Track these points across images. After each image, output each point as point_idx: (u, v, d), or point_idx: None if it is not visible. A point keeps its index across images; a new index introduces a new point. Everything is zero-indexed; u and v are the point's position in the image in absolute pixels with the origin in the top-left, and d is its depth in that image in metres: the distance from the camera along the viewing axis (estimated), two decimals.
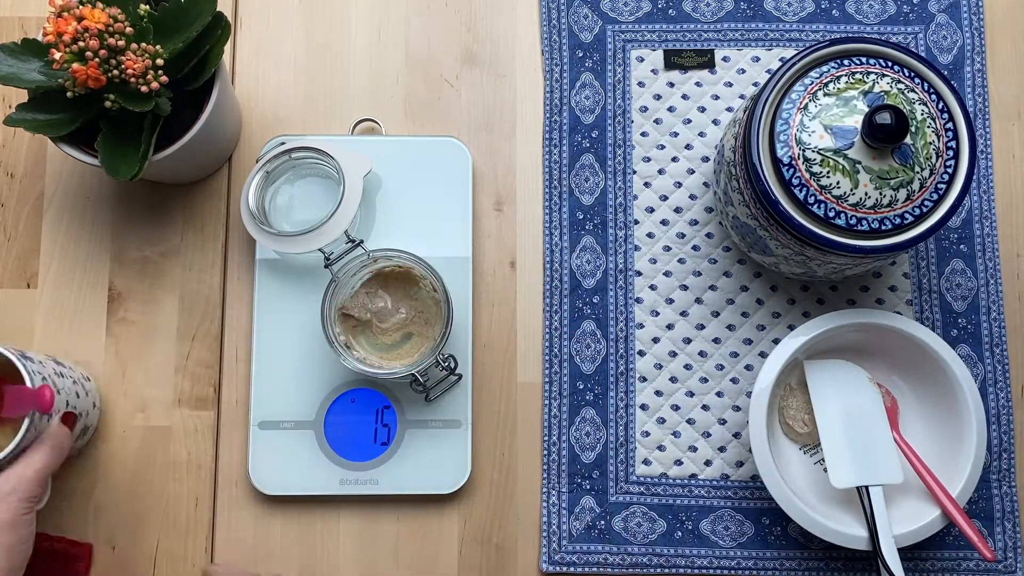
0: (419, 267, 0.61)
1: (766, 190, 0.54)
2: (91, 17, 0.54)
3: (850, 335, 0.62)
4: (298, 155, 0.63)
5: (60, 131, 0.57)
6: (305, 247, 0.61)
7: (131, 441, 0.64)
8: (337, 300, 0.61)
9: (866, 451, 0.60)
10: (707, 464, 0.64)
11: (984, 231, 0.67)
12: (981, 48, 0.69)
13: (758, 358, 0.65)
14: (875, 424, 0.61)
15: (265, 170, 0.63)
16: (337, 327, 0.61)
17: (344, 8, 0.70)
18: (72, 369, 0.61)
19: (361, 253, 0.61)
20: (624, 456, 0.64)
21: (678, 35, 0.69)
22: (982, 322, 0.66)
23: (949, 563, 0.63)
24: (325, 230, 0.61)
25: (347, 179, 0.62)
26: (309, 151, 0.63)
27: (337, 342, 0.60)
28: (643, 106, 0.68)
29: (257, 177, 0.63)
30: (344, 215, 0.61)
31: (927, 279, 0.66)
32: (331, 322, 0.60)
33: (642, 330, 0.65)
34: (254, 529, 0.63)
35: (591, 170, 0.67)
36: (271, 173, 0.64)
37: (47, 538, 0.62)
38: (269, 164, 0.63)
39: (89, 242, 0.66)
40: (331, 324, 0.60)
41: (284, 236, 0.61)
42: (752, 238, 0.60)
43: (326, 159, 0.63)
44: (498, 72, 0.69)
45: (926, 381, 0.62)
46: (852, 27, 0.69)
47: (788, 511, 0.58)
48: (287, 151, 0.63)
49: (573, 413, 0.65)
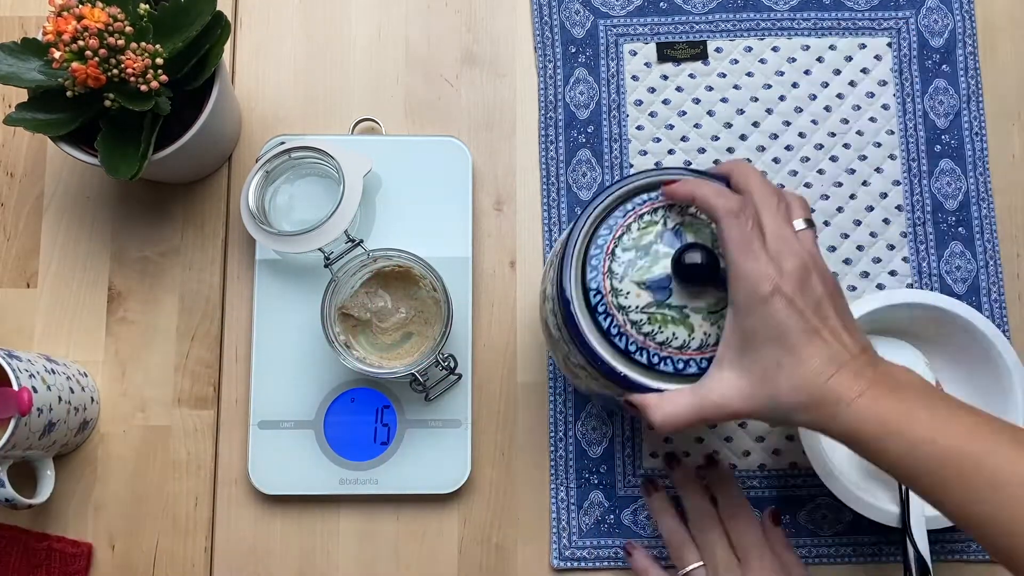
0: (419, 266, 0.61)
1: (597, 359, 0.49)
2: (91, 16, 0.54)
3: (899, 317, 0.62)
4: (298, 155, 0.63)
5: (60, 130, 0.57)
6: (305, 247, 0.61)
7: (131, 441, 0.64)
8: (337, 300, 0.61)
9: None
10: (715, 455, 0.64)
11: (982, 212, 0.67)
12: (972, 31, 0.69)
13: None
14: None
15: (265, 170, 0.63)
16: (337, 327, 0.61)
17: (344, 8, 0.70)
18: (67, 366, 0.62)
19: (361, 253, 0.61)
20: (631, 449, 0.64)
21: (670, 27, 0.69)
22: (983, 303, 0.66)
23: (967, 546, 0.63)
24: (325, 230, 0.61)
25: (347, 179, 0.62)
26: (308, 151, 0.63)
27: (337, 342, 0.60)
28: (637, 100, 0.68)
29: (257, 177, 0.63)
30: (344, 215, 0.61)
31: (926, 262, 0.66)
32: (331, 322, 0.60)
33: None
34: (254, 528, 0.63)
35: (588, 165, 0.67)
36: (271, 173, 0.64)
37: (46, 538, 0.62)
38: (269, 164, 0.63)
39: (89, 242, 0.66)
40: (331, 324, 0.60)
41: (284, 236, 0.61)
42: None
43: (326, 159, 0.63)
44: (498, 72, 0.69)
45: (976, 368, 0.62)
46: (843, 14, 0.69)
47: (822, 475, 0.58)
48: (286, 151, 0.63)
49: (579, 408, 0.64)
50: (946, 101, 0.68)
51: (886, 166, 0.67)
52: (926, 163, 0.67)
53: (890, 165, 0.67)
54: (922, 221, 0.67)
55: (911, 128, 0.68)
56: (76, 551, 0.61)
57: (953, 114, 0.68)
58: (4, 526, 0.62)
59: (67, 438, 0.60)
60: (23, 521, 0.62)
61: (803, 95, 0.68)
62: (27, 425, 0.55)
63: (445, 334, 0.59)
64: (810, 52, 0.69)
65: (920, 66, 0.69)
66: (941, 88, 0.68)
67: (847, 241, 0.66)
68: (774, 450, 0.64)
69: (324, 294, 0.60)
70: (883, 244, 0.66)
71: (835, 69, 0.68)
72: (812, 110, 0.68)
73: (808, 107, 0.68)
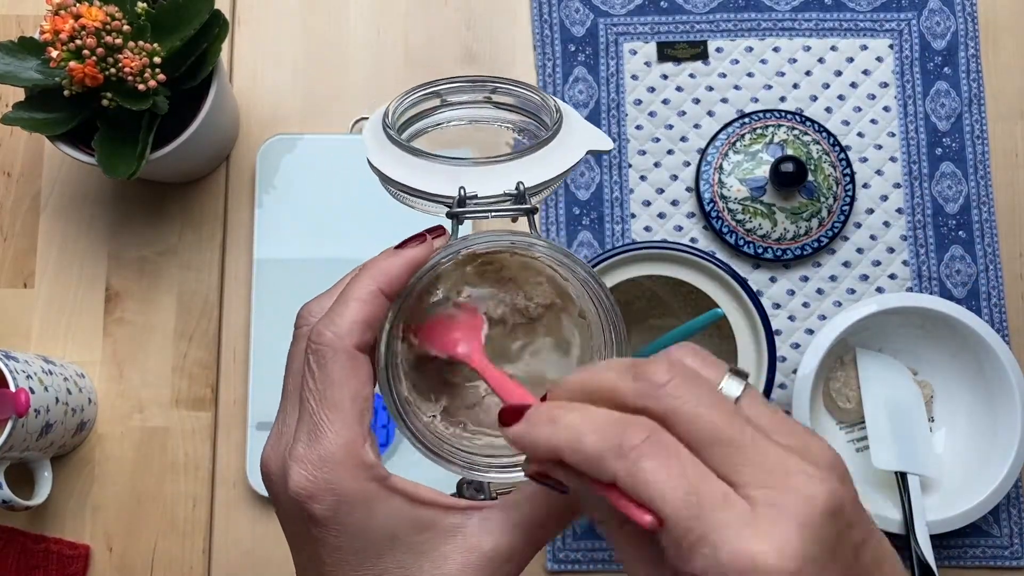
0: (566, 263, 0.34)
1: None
2: (88, 15, 0.54)
3: (891, 323, 0.63)
4: (503, 88, 0.40)
5: (57, 130, 0.57)
6: (451, 184, 0.36)
7: (128, 442, 0.63)
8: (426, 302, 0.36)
9: (907, 441, 0.61)
10: None
11: (983, 216, 0.67)
12: (975, 33, 0.69)
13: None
14: (916, 419, 0.62)
15: (442, 97, 0.40)
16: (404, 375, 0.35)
17: (343, 6, 0.70)
18: (64, 367, 0.61)
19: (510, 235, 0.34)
20: None
21: (671, 27, 0.69)
22: (982, 308, 0.66)
23: (969, 552, 0.63)
24: (515, 166, 0.36)
25: (569, 122, 0.39)
26: (522, 86, 0.41)
27: (406, 402, 0.34)
28: (637, 99, 0.68)
29: (422, 93, 0.39)
30: (556, 156, 0.37)
31: (927, 266, 0.66)
32: (394, 366, 0.34)
33: None
34: (252, 530, 0.63)
35: (586, 164, 0.67)
36: (448, 103, 0.40)
37: (44, 539, 0.61)
38: (451, 92, 0.40)
39: (86, 241, 0.66)
40: (394, 370, 0.34)
41: (436, 160, 0.36)
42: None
43: (539, 94, 0.40)
44: (498, 71, 0.69)
45: (975, 374, 0.62)
46: (845, 15, 0.69)
47: None
48: (491, 84, 0.40)
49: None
50: (948, 104, 0.68)
51: (887, 168, 0.67)
52: (927, 166, 0.67)
53: (891, 167, 0.67)
54: (922, 224, 0.67)
55: (912, 130, 0.68)
56: (74, 552, 0.61)
57: (954, 117, 0.68)
58: (1, 528, 0.62)
59: (64, 439, 0.60)
60: (20, 522, 0.62)
61: (804, 96, 0.68)
62: (24, 426, 0.55)
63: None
64: (811, 53, 0.68)
65: (922, 68, 0.68)
66: (943, 91, 0.68)
67: (847, 244, 0.66)
68: None
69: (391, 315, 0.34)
70: (883, 247, 0.66)
71: (836, 70, 0.68)
72: (813, 111, 0.68)
73: (809, 108, 0.68)
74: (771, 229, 0.64)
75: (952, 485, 0.61)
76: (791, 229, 0.64)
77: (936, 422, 0.64)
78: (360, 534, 0.31)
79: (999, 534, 0.63)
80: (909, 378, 0.64)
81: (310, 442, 0.31)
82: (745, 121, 0.66)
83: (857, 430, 0.64)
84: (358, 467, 0.31)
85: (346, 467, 0.31)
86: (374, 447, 0.32)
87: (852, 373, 0.63)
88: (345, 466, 0.31)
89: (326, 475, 0.31)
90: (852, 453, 0.63)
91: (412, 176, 0.36)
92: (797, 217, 0.64)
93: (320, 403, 0.32)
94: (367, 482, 0.31)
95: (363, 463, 0.31)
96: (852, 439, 0.64)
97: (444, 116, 0.40)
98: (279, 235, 0.65)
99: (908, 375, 0.64)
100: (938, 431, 0.63)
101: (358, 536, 0.31)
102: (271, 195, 0.66)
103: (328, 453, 0.31)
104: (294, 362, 0.34)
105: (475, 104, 0.40)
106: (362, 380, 0.32)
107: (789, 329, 0.65)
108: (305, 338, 0.33)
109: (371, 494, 0.31)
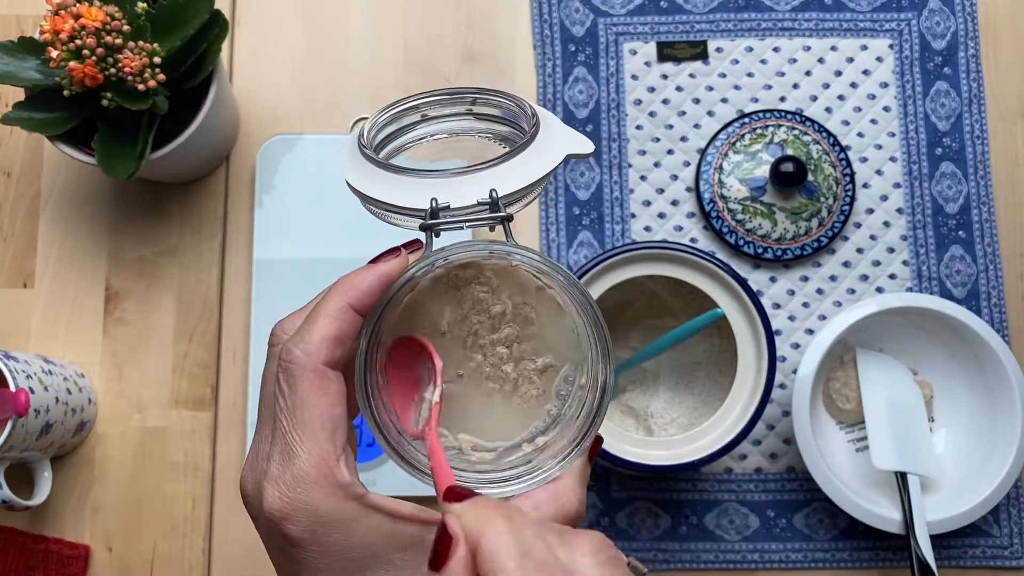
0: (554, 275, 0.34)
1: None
2: (88, 15, 0.54)
3: (891, 323, 0.63)
4: (483, 99, 0.39)
5: (57, 130, 0.57)
6: (420, 197, 0.35)
7: (128, 442, 0.63)
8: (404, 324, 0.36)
9: (907, 441, 0.61)
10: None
11: (983, 216, 0.67)
12: (975, 33, 0.69)
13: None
14: (916, 419, 0.62)
15: (422, 112, 0.39)
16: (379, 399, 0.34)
17: (343, 6, 0.70)
18: (64, 367, 0.61)
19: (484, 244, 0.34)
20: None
21: (671, 27, 0.69)
22: (982, 308, 0.66)
23: (968, 552, 0.63)
24: (488, 175, 0.35)
25: (548, 128, 0.38)
26: (501, 96, 0.39)
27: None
28: (637, 99, 0.68)
29: (400, 109, 0.39)
30: (533, 163, 0.36)
31: (926, 266, 0.66)
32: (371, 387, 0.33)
33: None
34: (251, 530, 0.62)
35: (586, 164, 0.67)
36: (428, 117, 0.40)
37: (44, 539, 0.61)
38: (431, 107, 0.39)
39: (86, 241, 0.65)
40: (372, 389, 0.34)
41: (408, 174, 0.35)
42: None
43: (517, 101, 0.39)
44: (498, 70, 0.69)
45: (974, 374, 0.62)
46: (845, 15, 0.69)
47: (820, 482, 0.58)
48: (470, 96, 0.39)
49: None
50: (947, 104, 0.68)
51: (887, 168, 0.67)
52: (927, 166, 0.67)
53: (891, 167, 0.67)
54: (922, 224, 0.67)
55: (912, 130, 0.68)
56: (73, 552, 0.61)
57: (954, 117, 0.68)
58: (1, 528, 0.62)
59: (64, 439, 0.60)
60: (20, 522, 0.62)
61: (804, 96, 0.68)
62: (24, 426, 0.55)
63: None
64: (811, 53, 0.68)
65: (922, 68, 0.68)
66: (943, 91, 0.68)
67: (847, 244, 0.66)
68: (771, 454, 0.64)
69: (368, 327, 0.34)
70: (883, 247, 0.66)
71: (836, 70, 0.68)
72: (813, 111, 0.68)
73: (809, 108, 0.68)
74: (771, 229, 0.64)
75: (952, 485, 0.61)
76: (791, 229, 0.64)
77: (936, 422, 0.64)
78: (340, 553, 0.31)
79: (999, 534, 0.63)
80: (909, 378, 0.64)
81: (283, 462, 0.31)
82: (745, 121, 0.66)
83: (857, 430, 0.64)
84: (332, 486, 0.31)
85: (320, 486, 0.31)
86: (350, 464, 0.32)
87: (852, 373, 0.63)
88: (319, 485, 0.31)
89: (300, 495, 0.31)
90: (852, 453, 0.63)
91: (386, 191, 0.35)
92: (797, 217, 0.64)
93: (291, 422, 0.31)
94: (343, 501, 0.31)
95: (337, 482, 0.31)
96: (852, 439, 0.64)
97: (427, 130, 0.40)
98: (279, 235, 0.65)
99: (908, 375, 0.64)
100: (938, 431, 0.64)
101: (338, 555, 0.31)
102: (271, 195, 0.66)
103: (301, 473, 0.31)
104: (267, 381, 0.34)
105: (456, 117, 0.40)
106: (333, 398, 0.32)
107: (789, 329, 0.65)
108: (277, 356, 0.33)
109: (348, 513, 0.31)
